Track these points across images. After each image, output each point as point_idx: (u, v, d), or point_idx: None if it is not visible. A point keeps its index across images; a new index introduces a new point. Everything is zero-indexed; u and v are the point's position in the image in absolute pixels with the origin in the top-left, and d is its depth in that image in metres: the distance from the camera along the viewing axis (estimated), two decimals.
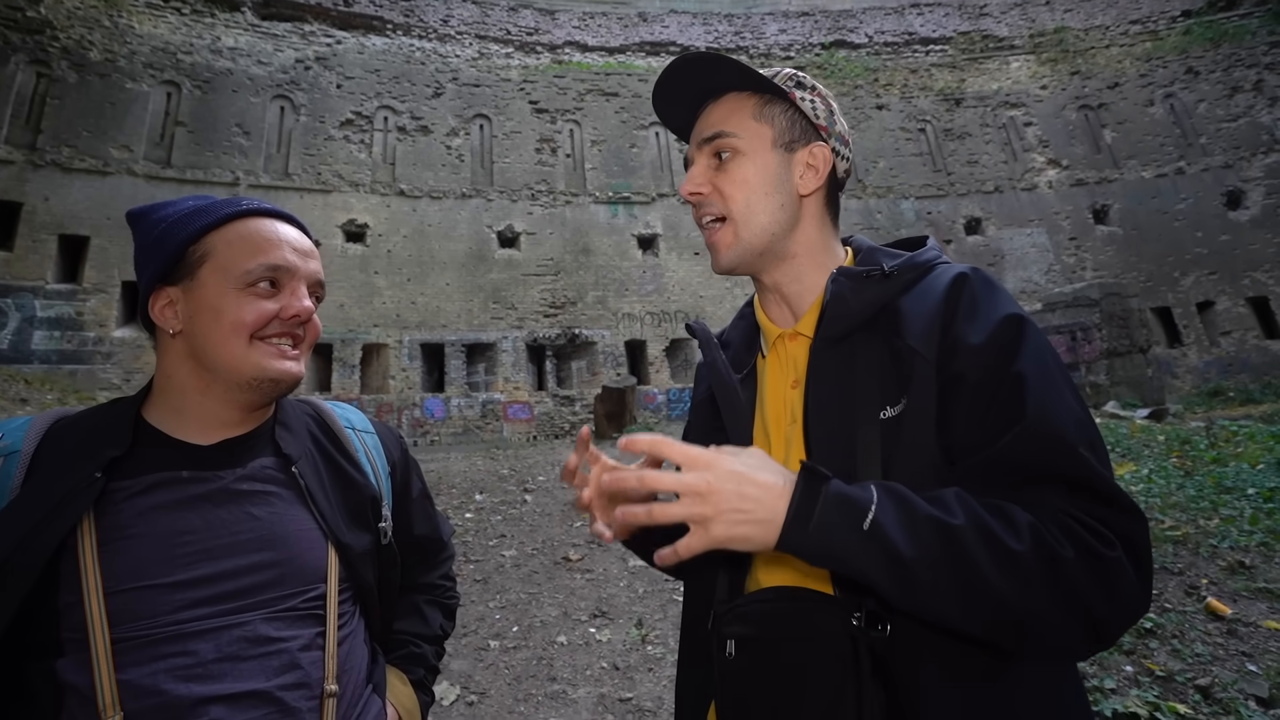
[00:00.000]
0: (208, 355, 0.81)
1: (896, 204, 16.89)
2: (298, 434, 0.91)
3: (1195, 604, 3.28)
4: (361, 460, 0.96)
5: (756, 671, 0.71)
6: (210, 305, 0.80)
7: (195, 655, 0.72)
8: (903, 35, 18.63)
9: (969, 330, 0.69)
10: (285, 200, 13.96)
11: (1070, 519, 0.60)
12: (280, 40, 15.16)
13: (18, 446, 0.76)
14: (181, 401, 0.83)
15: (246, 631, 0.75)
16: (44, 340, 11.62)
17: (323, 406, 1.00)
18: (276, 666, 0.76)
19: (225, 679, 0.72)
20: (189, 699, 0.70)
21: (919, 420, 0.69)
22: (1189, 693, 2.55)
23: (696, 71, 0.82)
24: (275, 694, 0.75)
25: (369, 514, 0.92)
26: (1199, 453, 5.65)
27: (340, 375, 13.30)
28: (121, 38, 13.73)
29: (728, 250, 0.81)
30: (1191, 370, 14.82)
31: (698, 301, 15.44)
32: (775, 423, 0.81)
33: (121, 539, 0.73)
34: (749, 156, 0.80)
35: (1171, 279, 15.73)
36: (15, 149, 12.29)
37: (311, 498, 0.85)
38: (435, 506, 1.12)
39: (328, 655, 0.81)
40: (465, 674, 3.16)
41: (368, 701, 0.86)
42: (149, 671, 0.70)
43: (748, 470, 0.60)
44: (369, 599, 0.90)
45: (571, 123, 16.46)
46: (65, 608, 0.70)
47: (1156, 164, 16.63)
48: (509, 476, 7.99)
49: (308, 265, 0.86)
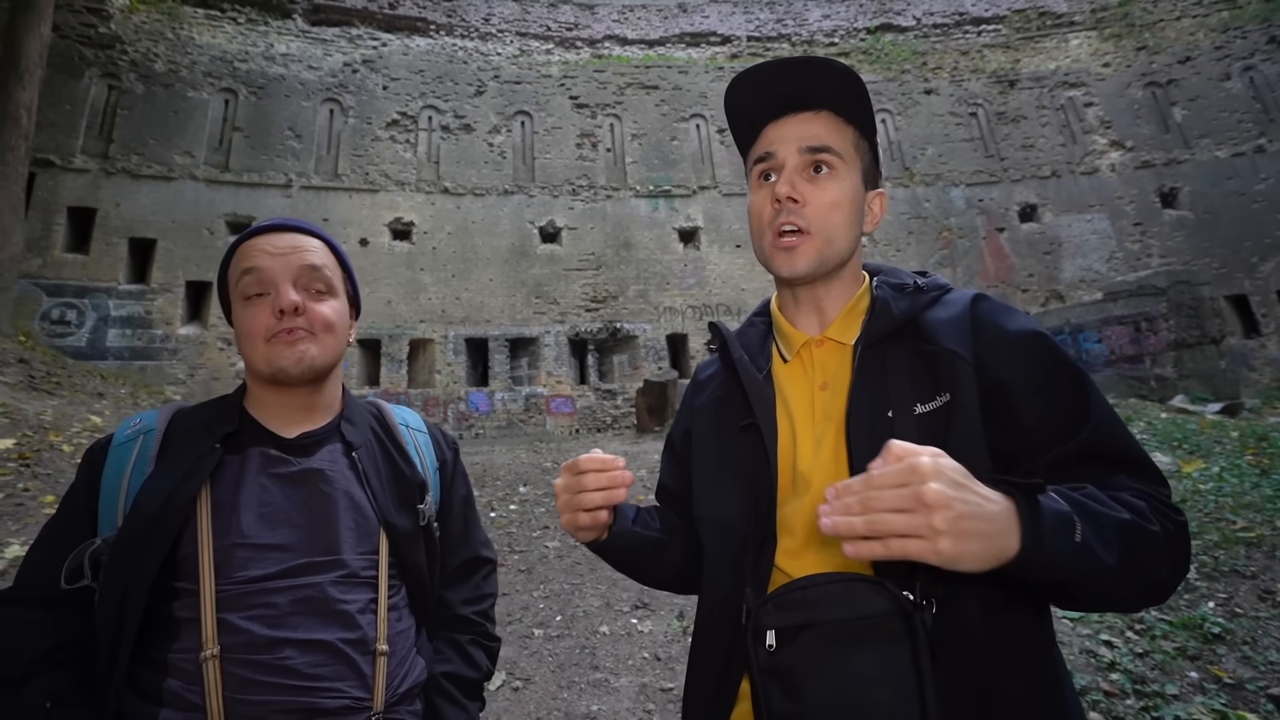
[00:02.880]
0: (246, 362, 0.99)
1: (945, 191, 16.32)
2: (360, 427, 1.06)
3: (1270, 609, 3.09)
4: (411, 452, 1.09)
5: (807, 657, 0.71)
6: (236, 325, 0.99)
7: (276, 607, 0.86)
8: (953, 16, 17.92)
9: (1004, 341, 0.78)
10: (335, 200, 14.44)
11: (1149, 496, 0.70)
12: (329, 45, 15.64)
13: (153, 425, 0.95)
14: (259, 399, 1.01)
15: (315, 592, 0.89)
16: (117, 338, 12.34)
17: (385, 406, 1.15)
18: (339, 624, 0.89)
19: (298, 629, 0.86)
20: (268, 639, 0.85)
21: (967, 412, 0.75)
22: (1260, 702, 2.42)
23: (817, 78, 0.85)
24: (337, 645, 0.88)
25: (415, 498, 1.03)
26: (1277, 450, 5.31)
27: (388, 370, 13.71)
28: (183, 49, 14.41)
29: (806, 260, 0.85)
30: (1271, 362, 13.87)
31: (739, 294, 15.29)
32: (803, 422, 0.85)
33: (226, 503, 0.90)
34: (844, 180, 0.85)
35: (1249, 265, 14.74)
36: (90, 158, 13.06)
37: (367, 480, 0.99)
38: (478, 520, 1.20)
39: (379, 619, 0.94)
40: (510, 661, 3.23)
41: (412, 663, 0.98)
42: (241, 615, 0.85)
43: (969, 480, 0.58)
44: (414, 577, 1.01)
45: (612, 117, 16.48)
46: (184, 559, 0.86)
47: (1233, 142, 15.58)
48: (552, 470, 8.10)
49: (286, 261, 0.97)
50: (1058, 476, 0.70)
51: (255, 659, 0.83)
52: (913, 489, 0.56)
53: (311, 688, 0.84)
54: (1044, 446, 0.74)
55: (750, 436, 0.86)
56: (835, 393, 0.84)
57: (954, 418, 0.75)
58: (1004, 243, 15.92)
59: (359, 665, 0.89)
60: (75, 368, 10.25)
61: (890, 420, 0.77)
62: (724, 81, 16.79)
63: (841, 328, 0.87)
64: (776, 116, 0.87)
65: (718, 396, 0.95)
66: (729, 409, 0.91)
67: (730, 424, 0.90)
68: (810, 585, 0.74)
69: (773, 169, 0.87)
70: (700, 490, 0.93)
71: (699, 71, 17.10)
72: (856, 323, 0.87)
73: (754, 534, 0.82)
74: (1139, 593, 0.67)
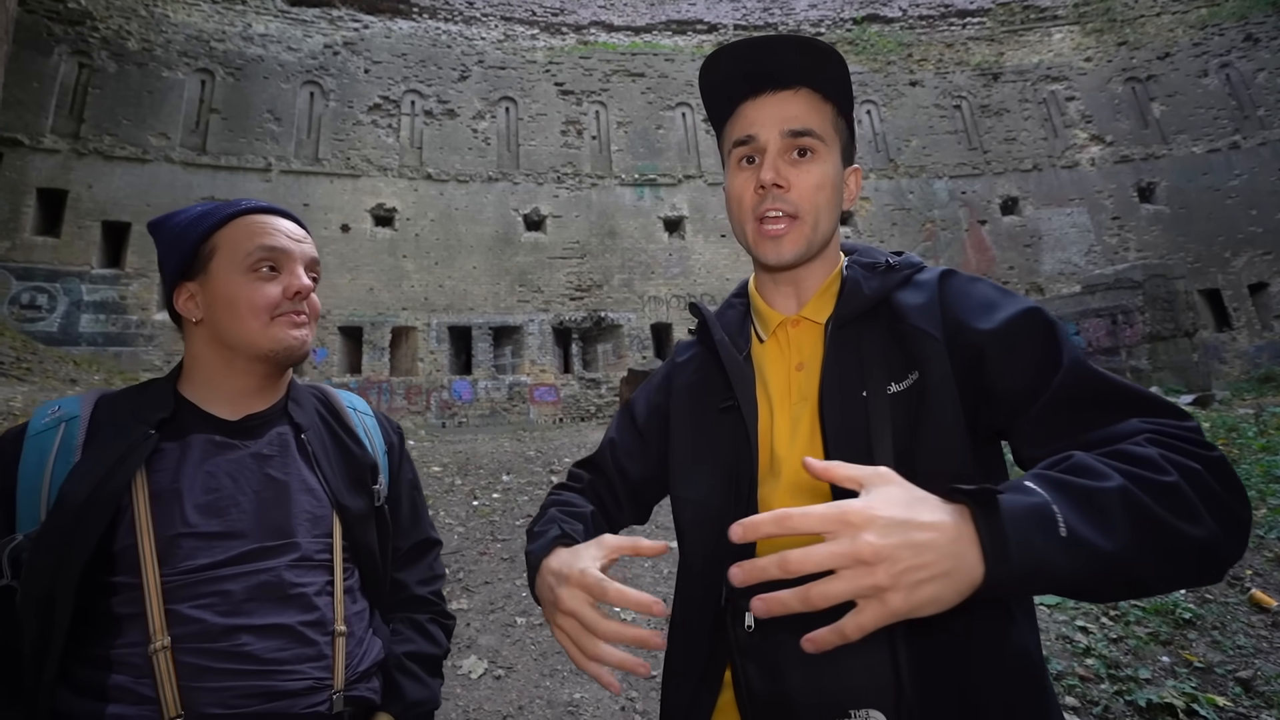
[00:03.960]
0: (230, 336, 0.94)
1: (929, 184, 16.43)
2: (306, 410, 1.04)
3: (1239, 595, 3.18)
4: (360, 435, 1.08)
5: (784, 636, 0.71)
6: (225, 293, 0.94)
7: (229, 596, 0.85)
8: (938, 8, 17.98)
9: (971, 309, 0.77)
10: (315, 185, 14.18)
11: (1162, 435, 0.61)
12: (309, 26, 15.30)
13: (76, 412, 0.90)
14: (209, 378, 0.97)
15: (271, 577, 0.88)
16: (90, 323, 12.06)
17: (329, 390, 1.14)
18: (297, 607, 0.88)
19: (254, 614, 0.85)
20: (223, 626, 0.83)
21: (939, 389, 0.74)
22: (1229, 685, 2.48)
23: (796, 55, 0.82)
24: (295, 628, 0.87)
25: (367, 480, 1.03)
26: (1247, 440, 5.45)
27: (370, 358, 13.56)
28: (157, 27, 14.00)
29: (793, 248, 0.83)
30: (1241, 355, 14.22)
31: (724, 284, 15.31)
32: (780, 402, 0.85)
33: (166, 491, 0.86)
34: (826, 161, 0.84)
35: (1222, 259, 15.06)
36: (60, 138, 12.69)
37: (317, 462, 0.98)
38: (424, 503, 1.21)
39: (336, 600, 0.93)
40: (493, 649, 3.22)
41: (370, 643, 0.98)
42: (192, 605, 0.83)
43: (908, 514, 0.50)
44: (367, 559, 1.00)
45: (597, 104, 16.34)
46: (121, 551, 0.82)
47: (1209, 138, 15.86)
48: (535, 458, 8.08)
49: (302, 248, 0.99)
50: (1051, 436, 0.67)
51: (210, 647, 0.82)
52: (845, 545, 0.49)
53: (272, 671, 0.84)
54: (1026, 402, 0.70)
55: (731, 418, 0.86)
56: (810, 373, 0.83)
57: (924, 395, 0.74)
58: (985, 235, 16.09)
59: (319, 646, 0.88)
60: (46, 353, 10.00)
61: (864, 400, 0.77)
62: None
63: (816, 307, 0.87)
64: (754, 94, 0.85)
65: (697, 379, 0.94)
66: (708, 391, 0.91)
67: (710, 406, 0.89)
68: None
69: (754, 152, 0.85)
70: (679, 471, 0.92)
71: (685, 59, 16.99)
72: (831, 302, 0.87)
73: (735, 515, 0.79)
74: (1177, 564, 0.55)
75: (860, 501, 0.51)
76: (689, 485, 0.89)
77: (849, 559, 0.49)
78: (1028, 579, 0.51)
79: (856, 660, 0.68)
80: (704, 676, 0.81)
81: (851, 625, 0.50)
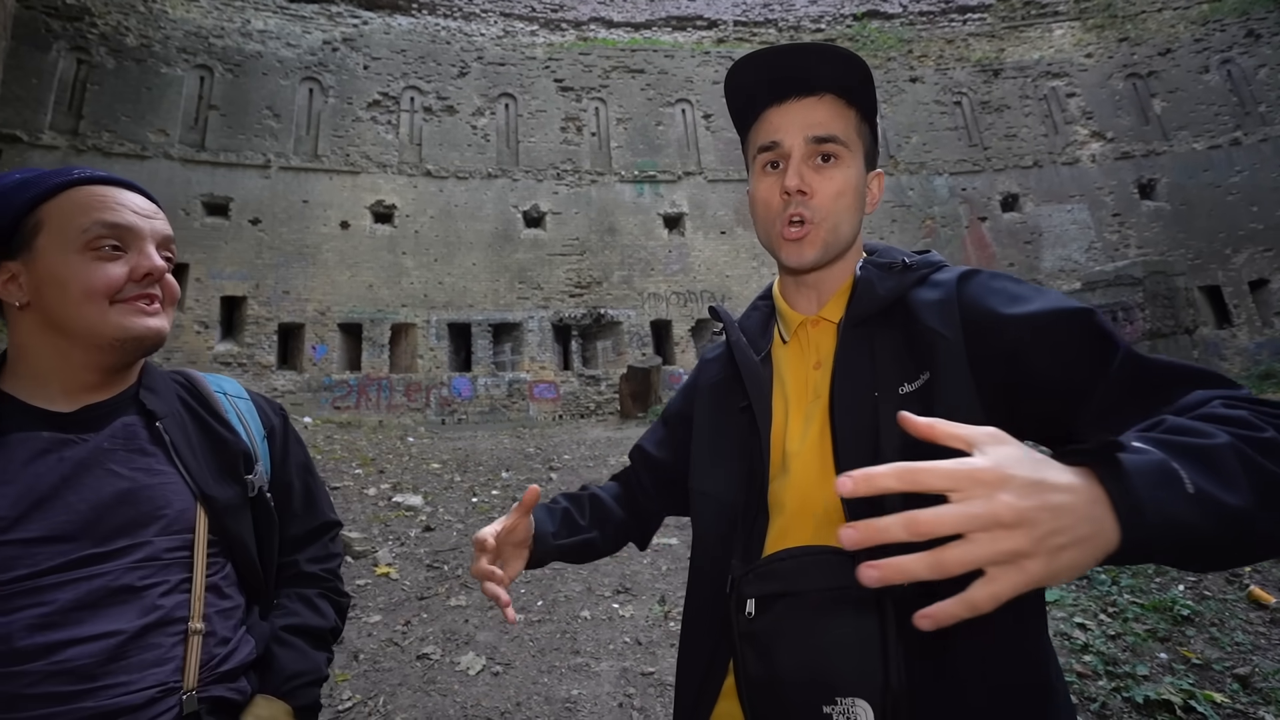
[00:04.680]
0: (63, 323, 0.82)
1: (929, 180, 16.40)
2: (164, 396, 0.94)
3: (1237, 592, 3.18)
4: (231, 419, 0.99)
5: (781, 625, 0.75)
6: (55, 275, 0.81)
7: (53, 604, 0.74)
8: (939, 4, 17.92)
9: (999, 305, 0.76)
10: (314, 182, 14.16)
11: (1234, 400, 0.60)
12: (308, 22, 15.25)
13: None
14: (38, 369, 0.85)
15: (109, 581, 0.78)
16: None
17: (194, 374, 1.04)
18: (137, 610, 0.79)
19: (83, 624, 0.75)
20: (40, 645, 0.72)
21: (951, 390, 0.74)
22: (1227, 681, 2.48)
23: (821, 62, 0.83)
24: (134, 631, 0.78)
25: (239, 468, 0.95)
26: None
27: (370, 355, 13.55)
28: (156, 22, 13.96)
29: (813, 250, 0.85)
30: (1241, 352, 14.20)
31: (724, 281, 15.30)
32: (797, 400, 0.87)
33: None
34: (850, 167, 0.85)
35: (1222, 256, 15.04)
36: (59, 134, 12.66)
37: (176, 452, 0.89)
38: (320, 485, 1.12)
39: (194, 597, 0.84)
40: (491, 645, 3.23)
41: (240, 641, 0.90)
42: (1, 623, 0.72)
43: (1039, 474, 0.46)
44: (241, 552, 0.93)
45: (597, 101, 16.30)
46: None
47: (1210, 134, 15.81)
48: (535, 455, 8.09)
49: (152, 225, 0.88)
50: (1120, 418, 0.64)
51: (23, 670, 0.71)
52: (982, 506, 0.45)
53: (102, 687, 0.74)
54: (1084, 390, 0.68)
55: (747, 417, 0.89)
56: (826, 372, 0.86)
57: (934, 396, 0.75)
58: (986, 232, 16.07)
59: (166, 649, 0.80)
60: None
61: (875, 400, 0.78)
62: (711, 66, 16.67)
63: (834, 307, 0.89)
64: (779, 100, 0.86)
65: (719, 379, 0.98)
66: (728, 391, 0.94)
67: (730, 405, 0.93)
68: (789, 557, 0.77)
69: (779, 158, 0.86)
70: (698, 466, 0.96)
71: (685, 56, 16.94)
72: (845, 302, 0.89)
73: (746, 510, 0.85)
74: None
75: (988, 460, 0.47)
76: (706, 479, 0.93)
77: (987, 521, 0.44)
78: (1161, 540, 0.48)
79: (847, 648, 0.71)
80: (711, 664, 0.85)
81: (984, 595, 0.45)
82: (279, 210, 13.75)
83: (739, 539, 0.84)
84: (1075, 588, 3.39)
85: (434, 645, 3.24)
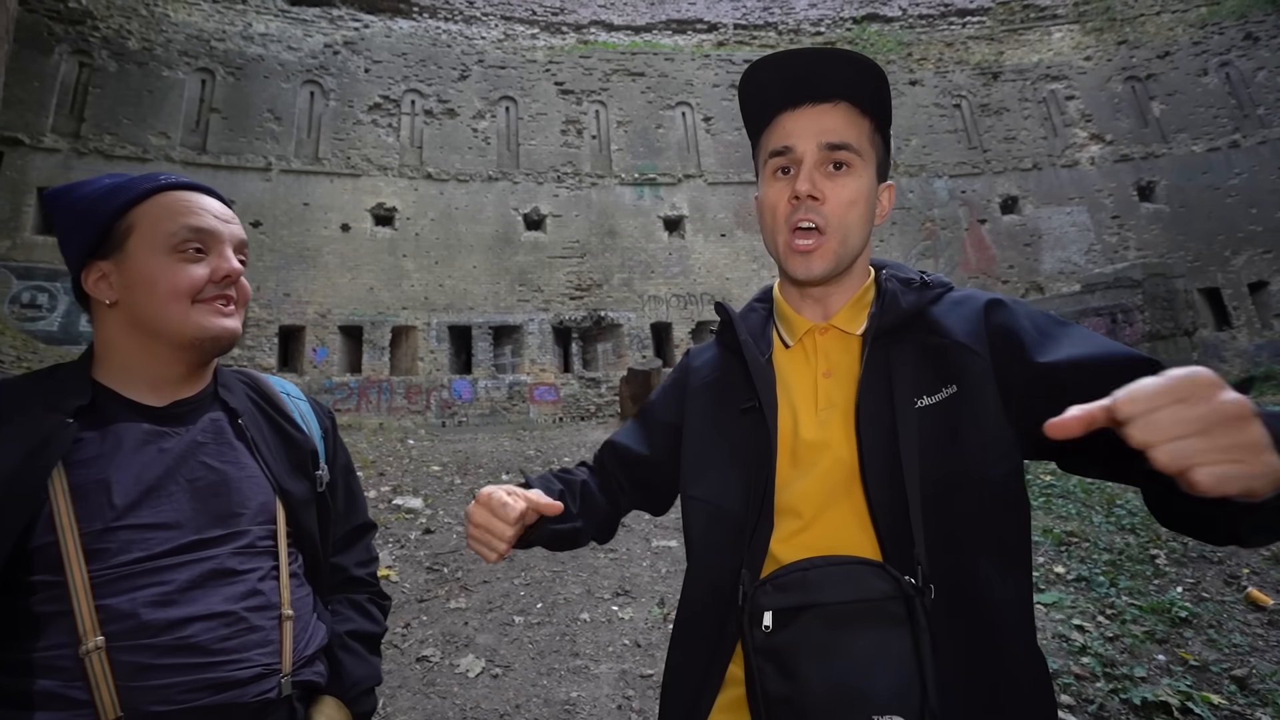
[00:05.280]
0: (149, 321, 0.87)
1: (929, 183, 16.42)
2: (238, 395, 0.99)
3: (1235, 594, 3.18)
4: (297, 419, 1.04)
5: (804, 639, 0.72)
6: (143, 275, 0.86)
7: (171, 584, 0.80)
8: (938, 7, 17.95)
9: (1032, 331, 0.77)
10: (315, 184, 14.19)
11: None
12: (309, 25, 15.29)
13: None
14: (126, 364, 0.90)
15: (216, 564, 0.84)
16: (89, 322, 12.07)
17: (258, 375, 1.09)
18: (241, 592, 0.85)
19: (199, 602, 0.81)
20: (165, 620, 0.78)
21: (979, 404, 0.76)
22: (1224, 683, 2.49)
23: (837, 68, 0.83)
24: (242, 613, 0.84)
25: (308, 465, 1.00)
26: None
27: (370, 357, 13.56)
28: (158, 26, 14.00)
29: (823, 264, 0.84)
30: (1241, 354, 14.20)
31: (724, 284, 15.30)
32: (805, 407, 0.85)
33: (91, 484, 0.80)
34: (862, 177, 0.84)
35: (1222, 258, 15.04)
36: (61, 137, 12.69)
37: (256, 448, 0.94)
38: (360, 486, 1.18)
39: (282, 585, 0.90)
40: (490, 648, 3.23)
41: (315, 627, 0.96)
42: (127, 600, 0.77)
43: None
44: (309, 544, 0.98)
45: (597, 104, 16.33)
46: (38, 549, 0.76)
47: (1209, 137, 15.83)
48: (535, 457, 8.09)
49: (230, 229, 0.93)
50: None
51: (151, 643, 0.77)
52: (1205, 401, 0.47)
53: (220, 661, 0.80)
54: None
55: (752, 419, 0.86)
56: (840, 381, 0.84)
57: (962, 408, 0.76)
58: (985, 234, 16.08)
59: (265, 631, 0.86)
60: (47, 353, 10.01)
61: (894, 411, 0.78)
62: (710, 69, 16.71)
63: (848, 317, 0.88)
64: (793, 105, 0.85)
65: (715, 379, 0.95)
66: (727, 391, 0.92)
67: (730, 407, 0.90)
68: (811, 567, 0.75)
69: (790, 163, 0.85)
70: (692, 471, 0.92)
71: (685, 59, 16.98)
72: (863, 314, 0.88)
73: (750, 516, 0.82)
74: None
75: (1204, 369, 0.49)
76: (700, 484, 0.90)
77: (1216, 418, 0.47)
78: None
79: (877, 663, 0.68)
80: (707, 675, 0.82)
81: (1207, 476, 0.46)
82: (280, 213, 13.77)
83: (742, 546, 0.81)
84: (1073, 589, 3.40)
85: (434, 647, 3.24)
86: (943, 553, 0.73)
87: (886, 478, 0.76)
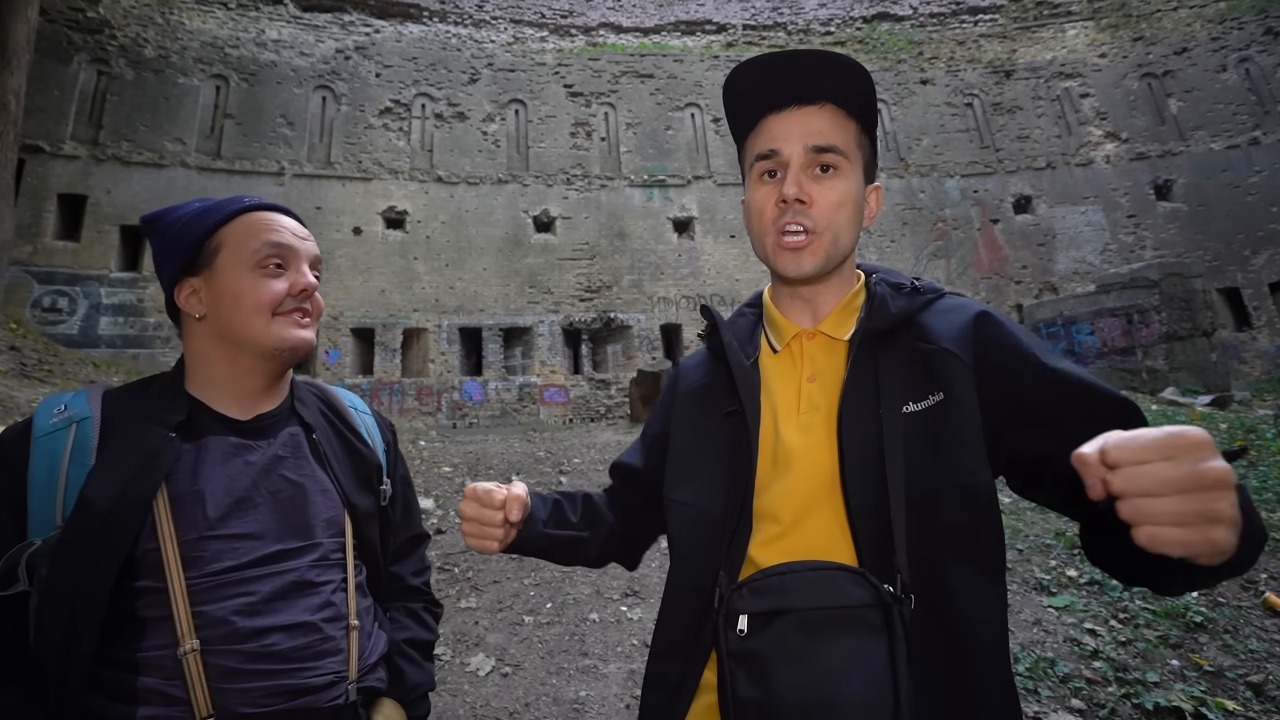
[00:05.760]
0: (234, 332, 0.93)
1: (941, 183, 16.29)
2: (311, 409, 1.05)
3: (1252, 599, 3.13)
4: (364, 434, 1.09)
5: (778, 644, 0.70)
6: (230, 289, 0.93)
7: (256, 594, 0.86)
8: (950, 5, 17.81)
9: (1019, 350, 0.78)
10: (327, 188, 14.33)
11: None
12: (321, 31, 15.46)
13: (87, 413, 0.88)
14: (214, 376, 0.96)
15: (295, 576, 0.90)
16: (109, 326, 12.25)
17: (327, 387, 1.14)
18: (317, 604, 0.91)
19: (280, 613, 0.87)
20: (252, 628, 0.84)
21: (964, 411, 0.76)
22: (1239, 689, 2.45)
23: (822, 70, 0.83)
24: (318, 624, 0.89)
25: (373, 480, 1.05)
26: (1265, 442, 5.36)
27: (382, 359, 13.67)
28: (173, 34, 14.21)
29: (813, 261, 0.84)
30: (1262, 355, 13.96)
31: (733, 285, 15.28)
32: (786, 411, 0.85)
33: (187, 494, 0.86)
34: (849, 179, 0.84)
35: (1242, 258, 14.79)
36: (80, 144, 12.91)
37: (328, 462, 0.99)
38: (415, 497, 1.22)
39: (349, 597, 0.96)
40: (500, 647, 3.25)
41: (377, 636, 1.01)
42: (219, 607, 0.83)
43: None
44: (372, 556, 1.03)
45: (606, 105, 16.36)
46: (143, 555, 0.82)
47: (1228, 134, 15.58)
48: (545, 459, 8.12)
49: (306, 246, 0.99)
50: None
51: (239, 648, 0.83)
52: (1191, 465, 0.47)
53: (298, 669, 0.86)
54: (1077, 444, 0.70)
55: (734, 422, 0.86)
56: (825, 386, 0.84)
57: (948, 416, 0.76)
58: (998, 234, 15.93)
59: (336, 641, 0.91)
60: (67, 355, 10.18)
61: (880, 417, 0.77)
62: (720, 70, 16.68)
63: (835, 322, 0.88)
64: (778, 108, 0.85)
65: (702, 384, 0.95)
66: (712, 396, 0.91)
67: (713, 410, 0.89)
68: (789, 571, 0.73)
69: (777, 166, 0.85)
70: (674, 473, 0.92)
71: (694, 60, 16.97)
72: (851, 318, 0.87)
73: (729, 519, 0.81)
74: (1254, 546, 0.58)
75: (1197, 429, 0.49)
76: (681, 488, 0.89)
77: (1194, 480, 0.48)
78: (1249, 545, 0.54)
79: (851, 671, 0.67)
80: (682, 681, 0.81)
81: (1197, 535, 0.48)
82: None
83: (721, 550, 0.81)
84: (1086, 593, 3.36)
85: (444, 646, 3.27)
86: (923, 561, 0.72)
87: (867, 483, 0.75)
